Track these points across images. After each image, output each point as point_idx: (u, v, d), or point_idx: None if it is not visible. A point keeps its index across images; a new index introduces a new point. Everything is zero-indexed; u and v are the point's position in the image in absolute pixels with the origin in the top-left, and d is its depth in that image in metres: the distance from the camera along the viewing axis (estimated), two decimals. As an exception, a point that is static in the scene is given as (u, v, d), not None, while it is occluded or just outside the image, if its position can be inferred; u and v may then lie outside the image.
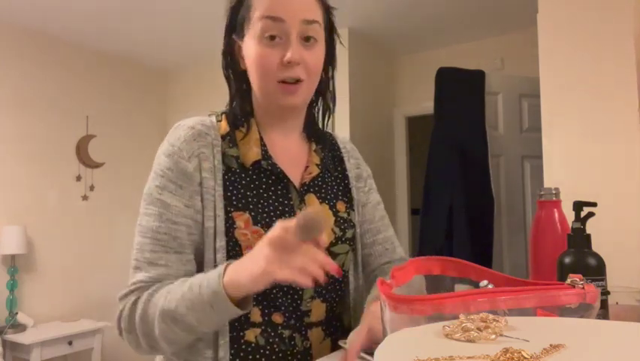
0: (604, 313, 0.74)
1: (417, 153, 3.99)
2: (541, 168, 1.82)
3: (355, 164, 0.99)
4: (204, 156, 0.80)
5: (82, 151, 3.61)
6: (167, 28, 3.39)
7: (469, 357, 0.42)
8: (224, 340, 0.77)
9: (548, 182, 1.77)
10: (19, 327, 3.01)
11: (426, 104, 3.37)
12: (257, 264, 0.66)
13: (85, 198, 3.64)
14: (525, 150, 2.79)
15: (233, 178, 0.81)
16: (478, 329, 0.48)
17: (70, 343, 3.08)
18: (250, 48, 0.80)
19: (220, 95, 3.89)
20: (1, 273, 3.09)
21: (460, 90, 2.72)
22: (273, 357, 0.79)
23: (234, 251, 0.78)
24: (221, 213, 0.78)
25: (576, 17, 1.78)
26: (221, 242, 0.77)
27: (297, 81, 0.79)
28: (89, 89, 3.73)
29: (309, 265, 0.65)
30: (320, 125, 0.95)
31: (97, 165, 3.71)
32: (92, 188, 3.68)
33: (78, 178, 3.60)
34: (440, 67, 2.78)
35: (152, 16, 3.19)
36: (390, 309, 0.55)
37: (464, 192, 2.58)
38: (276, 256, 0.65)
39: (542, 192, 0.89)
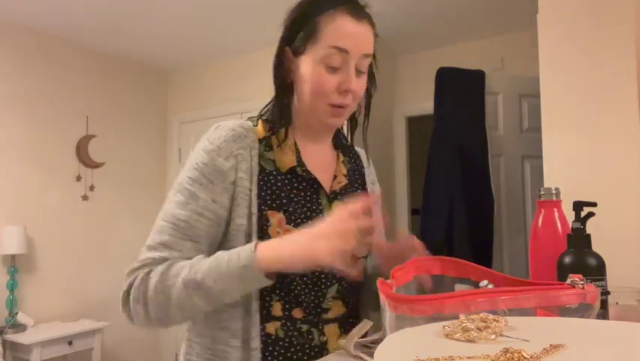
0: (604, 313, 0.74)
1: (417, 153, 3.98)
2: (541, 168, 1.82)
3: (372, 180, 1.08)
4: (242, 157, 0.86)
5: (82, 151, 3.61)
6: (167, 28, 3.39)
7: (469, 357, 0.42)
8: (255, 332, 0.83)
9: (548, 182, 1.76)
10: (19, 327, 3.01)
11: (426, 104, 3.37)
12: (303, 245, 0.74)
13: (85, 198, 3.64)
14: (525, 150, 2.79)
15: (267, 179, 0.87)
16: (478, 329, 0.49)
17: (70, 343, 3.07)
18: (308, 68, 0.86)
19: (220, 96, 3.90)
20: (1, 273, 3.09)
21: (460, 90, 2.72)
22: (292, 349, 0.85)
23: None
24: (255, 211, 0.84)
25: (576, 17, 1.78)
26: (255, 239, 0.83)
27: (345, 106, 0.88)
28: (89, 89, 3.73)
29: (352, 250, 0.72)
30: (347, 137, 1.04)
31: (97, 165, 3.71)
32: (92, 188, 3.68)
33: (78, 178, 3.60)
34: (440, 67, 2.78)
35: (152, 16, 3.18)
36: (391, 309, 0.55)
37: (464, 192, 2.58)
38: (331, 242, 0.71)
39: (542, 192, 0.89)
